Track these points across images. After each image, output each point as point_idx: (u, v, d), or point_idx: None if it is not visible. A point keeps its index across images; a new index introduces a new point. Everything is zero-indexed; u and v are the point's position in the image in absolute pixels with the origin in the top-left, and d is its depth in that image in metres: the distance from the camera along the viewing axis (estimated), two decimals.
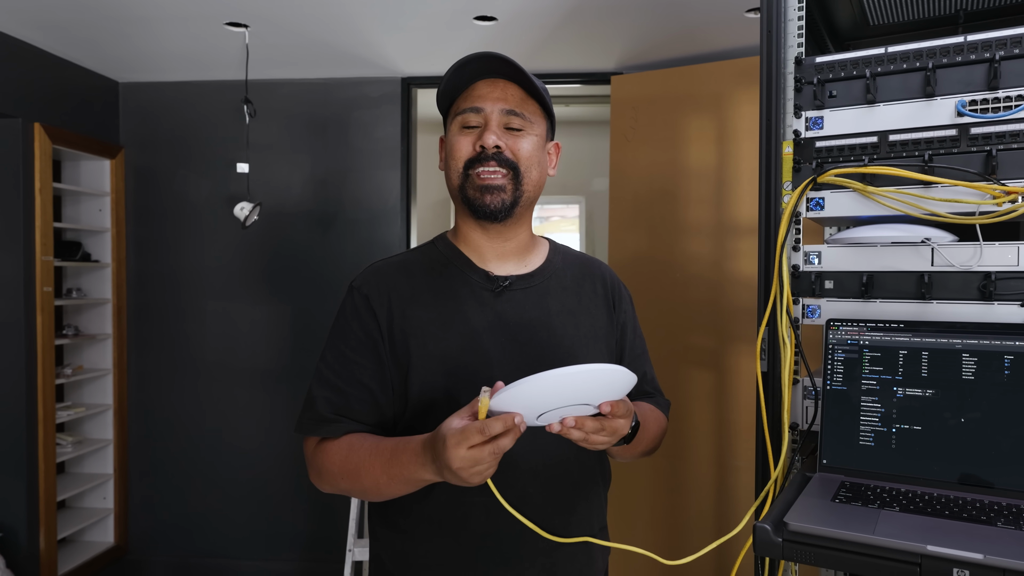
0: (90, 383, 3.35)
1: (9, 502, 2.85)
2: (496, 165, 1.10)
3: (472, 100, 1.12)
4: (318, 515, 3.31)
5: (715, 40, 2.73)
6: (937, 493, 1.01)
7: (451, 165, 1.13)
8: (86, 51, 2.96)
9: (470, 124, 1.12)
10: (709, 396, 2.78)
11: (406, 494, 1.05)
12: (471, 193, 1.11)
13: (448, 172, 1.15)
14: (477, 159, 1.11)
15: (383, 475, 1.01)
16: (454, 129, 1.14)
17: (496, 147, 1.10)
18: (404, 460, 0.98)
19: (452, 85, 1.14)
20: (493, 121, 1.11)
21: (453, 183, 1.14)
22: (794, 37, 1.27)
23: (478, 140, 1.11)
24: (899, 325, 1.12)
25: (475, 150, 1.11)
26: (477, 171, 1.10)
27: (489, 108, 1.11)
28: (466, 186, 1.12)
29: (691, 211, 2.83)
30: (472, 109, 1.12)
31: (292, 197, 3.32)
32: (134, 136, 3.38)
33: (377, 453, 1.03)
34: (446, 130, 1.18)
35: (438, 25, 2.62)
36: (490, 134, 1.10)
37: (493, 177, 1.10)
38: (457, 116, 1.13)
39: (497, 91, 1.12)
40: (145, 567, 3.38)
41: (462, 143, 1.12)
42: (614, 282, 1.29)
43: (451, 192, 1.16)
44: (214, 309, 3.37)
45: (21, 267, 2.82)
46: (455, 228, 1.21)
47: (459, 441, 0.86)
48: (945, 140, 1.13)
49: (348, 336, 1.13)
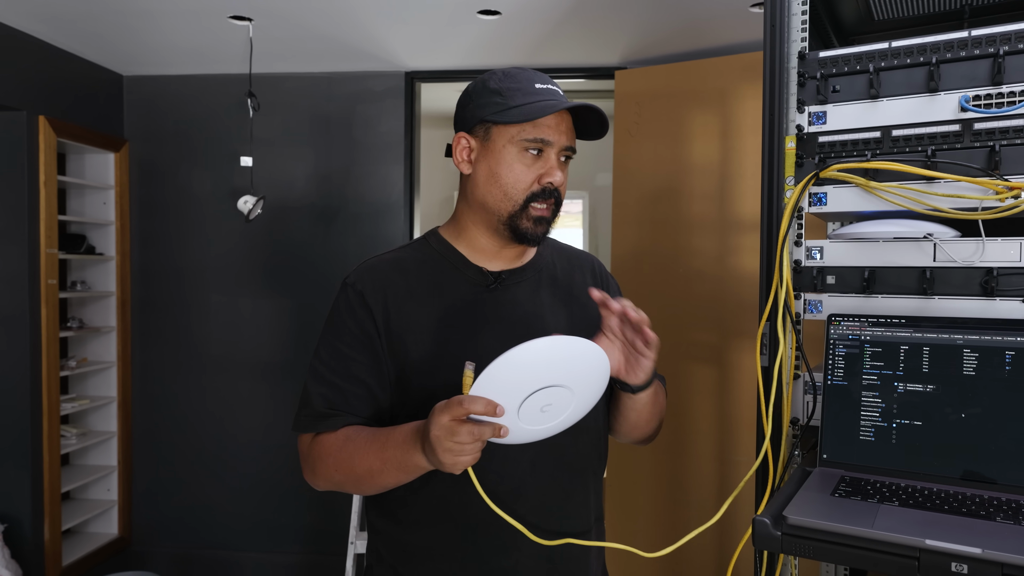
0: (94, 375, 3.36)
1: (14, 493, 2.87)
2: (553, 201, 1.13)
3: (542, 131, 1.10)
4: (321, 508, 3.32)
5: (719, 35, 2.73)
6: (937, 488, 1.01)
7: (508, 192, 1.11)
8: (91, 44, 2.97)
9: (533, 151, 1.11)
10: (712, 392, 2.79)
11: (400, 484, 1.05)
12: (525, 224, 1.12)
13: (500, 193, 1.12)
14: (541, 193, 1.11)
15: (377, 461, 1.02)
16: (512, 151, 1.11)
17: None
18: (397, 442, 1.00)
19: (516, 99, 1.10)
20: (555, 157, 1.12)
21: (505, 207, 1.12)
22: (798, 32, 1.27)
23: (544, 176, 1.11)
24: (900, 321, 1.12)
25: (540, 185, 1.11)
26: (536, 205, 1.11)
27: (556, 143, 1.11)
28: (521, 215, 1.12)
29: (694, 207, 2.83)
30: (542, 140, 1.10)
31: (296, 191, 3.32)
32: (138, 129, 3.39)
33: (372, 440, 1.04)
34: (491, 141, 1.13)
35: (441, 19, 2.62)
36: (557, 172, 1.11)
37: (547, 211, 1.13)
38: (522, 139, 1.10)
39: (563, 124, 1.12)
40: (149, 558, 3.40)
41: (526, 174, 1.11)
42: (602, 272, 1.31)
43: (492, 209, 1.13)
44: (218, 302, 3.38)
45: (25, 260, 2.83)
46: (456, 227, 1.20)
47: (442, 409, 0.90)
48: (948, 135, 1.13)
49: (343, 332, 1.13)
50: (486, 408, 0.88)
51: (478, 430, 0.89)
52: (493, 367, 0.88)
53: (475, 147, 1.14)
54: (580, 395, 0.97)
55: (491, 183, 1.13)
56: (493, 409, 0.89)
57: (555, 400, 0.94)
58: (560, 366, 0.92)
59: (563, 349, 0.91)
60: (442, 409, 0.91)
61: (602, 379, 0.99)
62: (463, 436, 0.89)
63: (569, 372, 0.93)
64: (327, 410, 1.10)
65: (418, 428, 0.97)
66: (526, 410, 0.93)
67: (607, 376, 1.00)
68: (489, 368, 0.88)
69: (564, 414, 0.98)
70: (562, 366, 0.92)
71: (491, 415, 0.89)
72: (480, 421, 0.90)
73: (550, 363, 0.91)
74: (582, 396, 0.98)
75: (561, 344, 0.90)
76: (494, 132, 1.12)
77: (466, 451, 0.90)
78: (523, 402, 0.92)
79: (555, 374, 0.92)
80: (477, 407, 0.88)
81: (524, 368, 0.89)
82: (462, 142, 1.16)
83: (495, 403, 0.89)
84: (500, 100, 1.11)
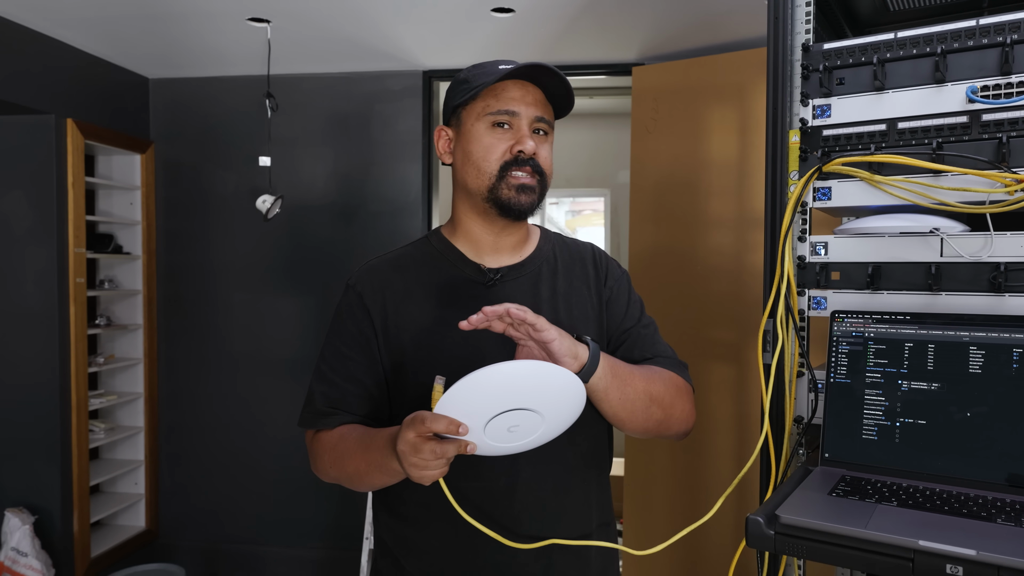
0: (122, 371, 3.44)
1: (44, 486, 2.96)
2: (531, 169, 1.12)
3: (505, 102, 1.11)
4: (342, 503, 3.36)
5: (737, 29, 2.69)
6: (940, 489, 0.98)
7: (481, 165, 1.12)
8: (117, 48, 3.04)
9: (500, 124, 1.12)
10: (730, 390, 2.75)
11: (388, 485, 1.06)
12: (505, 193, 1.11)
13: (474, 170, 1.13)
14: (514, 161, 1.11)
15: (362, 462, 1.04)
16: (481, 127, 1.13)
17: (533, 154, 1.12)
18: (378, 447, 1.00)
19: (480, 80, 1.12)
20: (526, 126, 1.12)
21: (482, 182, 1.13)
22: (802, 24, 1.25)
23: (515, 144, 1.11)
24: (905, 317, 1.09)
25: (512, 154, 1.11)
26: (513, 173, 1.11)
27: (523, 112, 1.12)
28: (500, 186, 1.12)
29: (712, 203, 2.80)
30: (506, 111, 1.11)
31: (316, 190, 3.36)
32: (163, 131, 3.46)
33: (360, 441, 1.06)
34: (459, 123, 1.16)
35: (456, 17, 2.63)
36: (528, 140, 1.11)
37: (529, 180, 1.12)
38: (487, 115, 1.12)
39: (529, 95, 1.13)
40: (174, 551, 3.47)
41: (496, 145, 1.12)
42: (602, 258, 1.28)
43: (471, 190, 1.14)
44: (240, 300, 3.44)
45: (55, 259, 2.91)
46: (452, 223, 1.22)
47: (409, 425, 0.90)
48: (956, 127, 1.10)
49: (343, 333, 1.16)
50: (448, 427, 0.87)
51: (441, 448, 0.89)
52: (458, 387, 0.87)
53: (452, 136, 1.17)
54: (550, 420, 0.96)
55: (467, 163, 1.14)
56: (456, 428, 0.87)
57: (522, 422, 0.93)
58: (528, 390, 0.91)
59: (532, 374, 0.90)
60: (408, 425, 0.90)
61: (574, 403, 0.97)
62: (426, 454, 0.89)
63: (537, 396, 0.92)
64: (327, 408, 1.13)
65: (393, 435, 0.97)
66: (493, 429, 0.92)
67: (581, 402, 0.98)
68: (454, 387, 0.87)
69: (533, 435, 0.97)
70: (530, 390, 0.91)
71: (453, 434, 0.88)
72: (445, 438, 0.89)
73: (517, 387, 0.89)
74: (552, 420, 0.96)
75: (529, 369, 0.89)
76: (463, 115, 1.15)
77: (431, 467, 0.90)
78: (488, 422, 0.91)
79: (522, 398, 0.91)
80: (439, 426, 0.87)
81: (490, 390, 0.88)
82: (441, 135, 1.19)
83: (457, 422, 0.88)
84: (466, 86, 1.14)
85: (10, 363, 2.96)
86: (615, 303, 1.25)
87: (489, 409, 0.89)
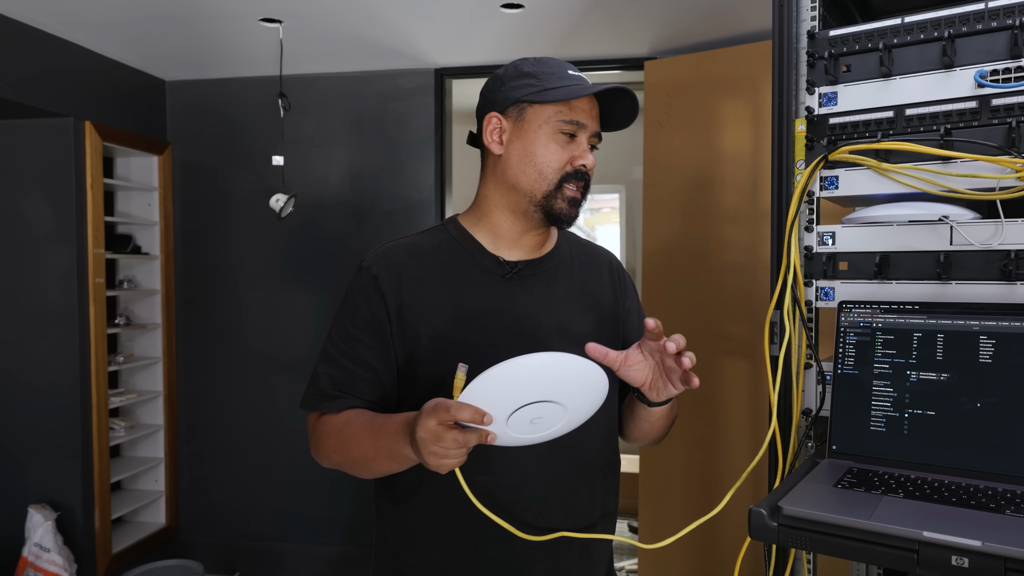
0: (142, 370, 3.49)
1: (66, 483, 3.01)
2: (584, 184, 1.14)
3: (579, 113, 1.12)
4: (357, 501, 3.38)
5: (749, 21, 2.66)
6: (948, 480, 0.97)
7: (543, 170, 1.12)
8: (134, 51, 3.08)
9: (568, 134, 1.12)
10: (745, 386, 2.73)
11: (394, 472, 1.06)
12: (560, 205, 1.12)
13: (535, 172, 1.12)
14: (575, 175, 1.12)
15: (371, 447, 1.03)
16: (547, 131, 1.11)
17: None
18: (390, 432, 1.00)
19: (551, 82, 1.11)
20: (586, 140, 1.14)
21: (539, 187, 1.12)
22: (807, 11, 1.24)
23: (577, 158, 1.12)
24: (914, 307, 1.08)
25: (573, 166, 1.12)
26: (568, 186, 1.12)
27: (589, 127, 1.13)
28: (556, 196, 1.12)
29: (726, 197, 2.77)
30: (577, 123, 1.11)
31: (329, 189, 3.38)
32: (180, 132, 3.50)
33: (368, 426, 1.05)
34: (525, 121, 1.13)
35: (466, 14, 2.63)
36: (589, 155, 1.13)
37: (579, 193, 1.14)
38: (559, 122, 1.11)
39: (595, 110, 1.15)
40: (194, 547, 3.51)
41: (560, 153, 1.12)
42: (620, 270, 1.30)
43: (524, 188, 1.13)
44: (256, 298, 3.47)
45: (75, 260, 2.96)
46: (475, 212, 1.20)
47: (431, 412, 0.89)
48: (964, 113, 1.08)
49: (355, 316, 1.14)
50: (473, 416, 0.87)
51: (463, 436, 0.88)
52: (487, 376, 0.87)
53: (507, 128, 1.14)
54: (572, 411, 0.96)
55: (525, 162, 1.12)
56: (481, 418, 0.87)
57: (546, 414, 0.93)
58: (555, 382, 0.91)
59: (560, 366, 0.90)
60: (430, 412, 0.89)
61: (597, 398, 0.98)
62: (447, 442, 0.88)
63: (563, 389, 0.92)
64: (333, 391, 1.12)
65: (408, 421, 0.97)
66: (516, 420, 0.92)
67: (603, 395, 0.99)
68: (483, 376, 0.87)
69: (555, 427, 0.97)
70: (557, 382, 0.91)
71: (478, 423, 0.88)
72: (467, 427, 0.89)
73: (545, 378, 0.89)
74: (575, 412, 0.97)
75: (558, 361, 0.89)
76: (529, 112, 1.12)
77: (451, 455, 0.90)
78: (513, 413, 0.91)
79: (549, 390, 0.91)
80: (464, 415, 0.87)
81: (518, 381, 0.88)
82: (493, 122, 1.15)
83: (483, 411, 0.87)
84: (535, 82, 1.12)
85: (32, 362, 3.01)
86: (631, 319, 1.28)
87: (515, 400, 0.89)
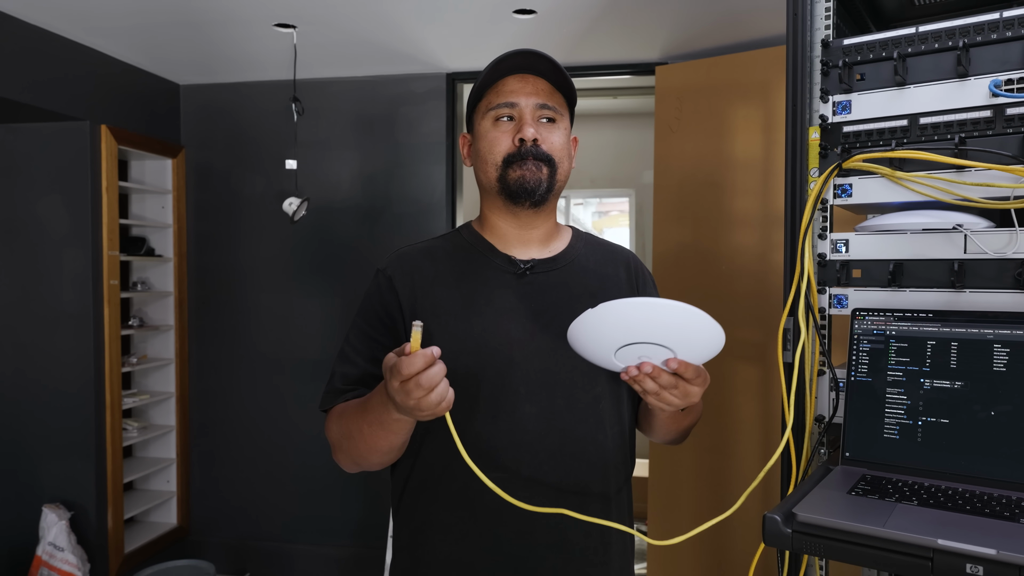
0: (154, 371, 3.52)
1: (80, 483, 3.04)
2: (533, 161, 1.13)
3: (504, 95, 1.14)
4: (367, 502, 3.40)
5: (761, 26, 2.67)
6: (962, 488, 0.97)
7: (488, 159, 1.15)
8: (149, 55, 3.11)
9: (503, 117, 1.15)
10: (756, 391, 2.73)
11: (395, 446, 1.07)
12: (512, 175, 1.13)
13: (484, 166, 1.17)
14: (517, 155, 1.13)
15: (364, 423, 1.04)
16: (486, 124, 1.16)
17: (534, 140, 1.12)
18: (374, 404, 1.02)
19: (482, 82, 1.17)
20: (528, 115, 1.14)
21: (490, 177, 1.16)
22: (821, 19, 1.24)
23: (516, 133, 1.13)
24: (927, 315, 1.08)
25: (514, 145, 1.13)
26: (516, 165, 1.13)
27: (523, 102, 1.14)
28: (506, 174, 1.14)
29: (737, 202, 2.77)
30: (506, 104, 1.14)
31: (342, 192, 3.41)
32: (194, 136, 3.53)
33: (358, 404, 1.08)
34: (473, 125, 1.21)
35: (478, 19, 2.65)
36: (528, 127, 1.13)
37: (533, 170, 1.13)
38: (490, 111, 1.15)
39: (528, 86, 1.15)
40: (205, 547, 3.54)
41: (499, 138, 1.14)
42: (637, 266, 1.29)
43: (485, 185, 1.19)
44: (269, 301, 3.49)
45: (89, 262, 2.99)
46: (481, 218, 1.25)
47: (389, 376, 0.90)
48: (979, 122, 1.08)
49: (369, 316, 1.19)
50: (425, 362, 0.87)
51: (426, 378, 0.88)
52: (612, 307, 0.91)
53: (471, 140, 1.22)
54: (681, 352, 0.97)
55: (477, 160, 1.19)
56: (433, 359, 0.87)
57: (654, 355, 0.96)
58: (679, 331, 0.93)
59: (685, 316, 0.91)
60: (388, 375, 0.90)
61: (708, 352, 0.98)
62: (416, 392, 0.88)
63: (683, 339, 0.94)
64: (343, 387, 1.15)
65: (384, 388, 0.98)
66: (624, 353, 0.96)
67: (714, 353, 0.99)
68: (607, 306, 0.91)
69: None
70: (680, 331, 0.93)
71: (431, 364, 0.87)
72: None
73: (667, 324, 0.92)
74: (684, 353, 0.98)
75: (684, 311, 0.91)
76: (474, 117, 1.20)
77: (430, 398, 0.89)
78: (624, 347, 0.95)
79: (670, 335, 0.93)
80: (416, 365, 0.87)
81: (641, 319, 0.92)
82: (462, 140, 1.24)
83: (430, 355, 0.87)
84: (475, 89, 1.19)
85: (47, 363, 3.05)
86: None
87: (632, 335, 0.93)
